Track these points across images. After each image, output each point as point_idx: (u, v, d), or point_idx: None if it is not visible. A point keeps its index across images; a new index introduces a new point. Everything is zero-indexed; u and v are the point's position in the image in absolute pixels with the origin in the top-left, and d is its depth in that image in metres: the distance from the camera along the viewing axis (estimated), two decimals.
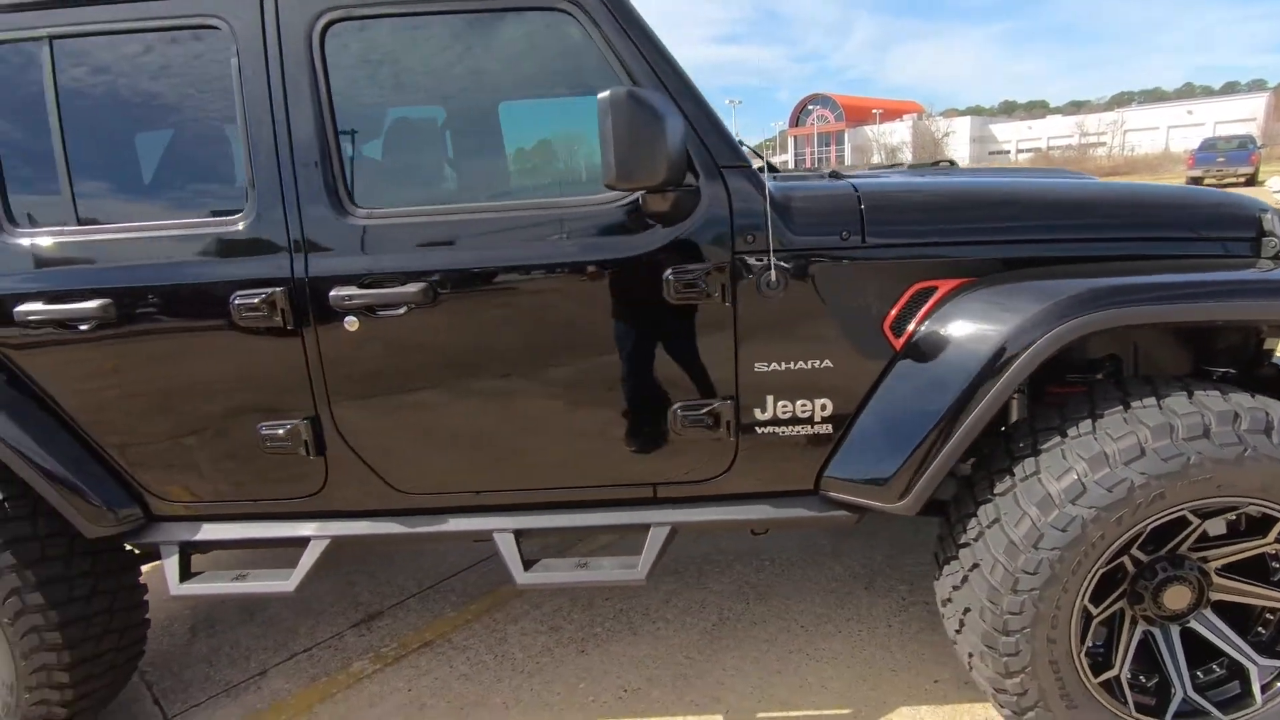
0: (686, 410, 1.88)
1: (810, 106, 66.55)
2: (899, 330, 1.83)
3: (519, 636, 2.67)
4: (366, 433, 1.97)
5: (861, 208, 1.82)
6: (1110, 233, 1.92)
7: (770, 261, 1.77)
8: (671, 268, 1.80)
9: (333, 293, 1.84)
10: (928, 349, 1.80)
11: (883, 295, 1.82)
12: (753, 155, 2.06)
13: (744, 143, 1.92)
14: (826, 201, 1.86)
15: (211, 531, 2.06)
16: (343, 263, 1.86)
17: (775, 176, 2.10)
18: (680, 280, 1.80)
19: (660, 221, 1.81)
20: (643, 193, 1.77)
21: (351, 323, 1.86)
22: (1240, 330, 2.03)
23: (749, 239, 1.79)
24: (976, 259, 1.82)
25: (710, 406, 1.88)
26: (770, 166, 1.88)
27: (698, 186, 1.79)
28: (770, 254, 1.77)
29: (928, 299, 1.82)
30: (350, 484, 2.01)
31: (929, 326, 1.80)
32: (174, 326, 1.93)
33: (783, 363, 1.84)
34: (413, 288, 1.83)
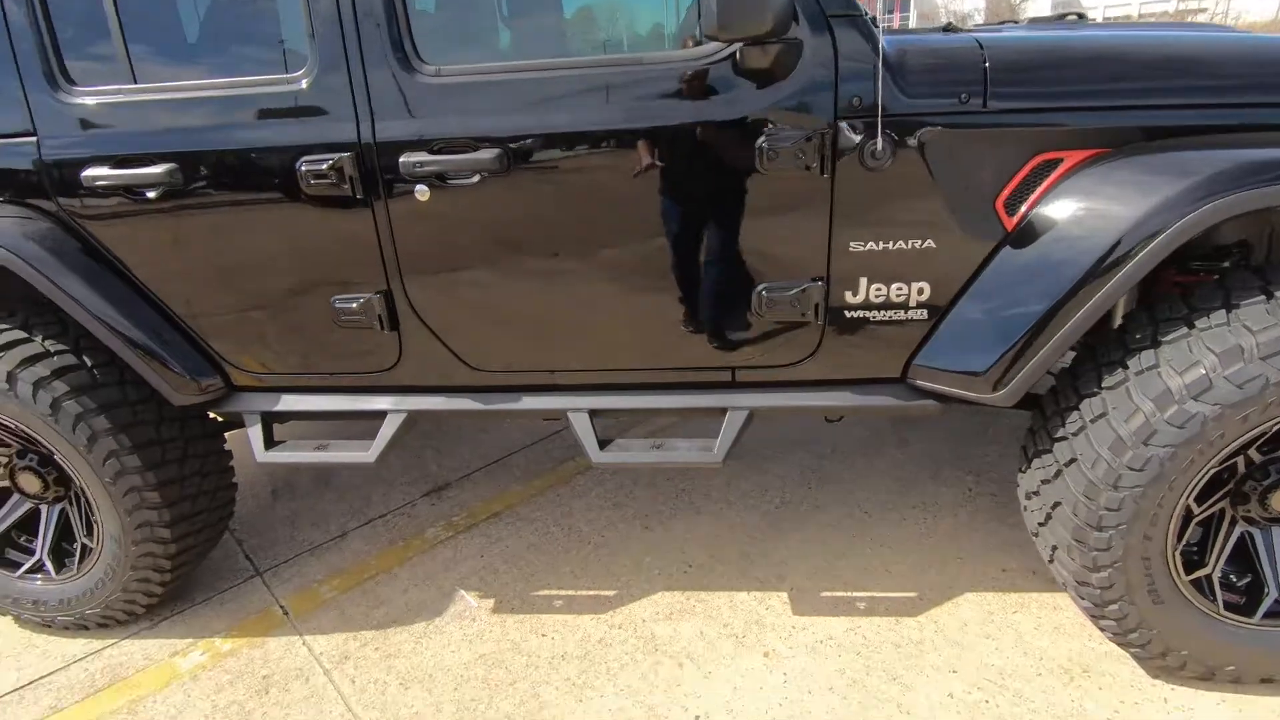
0: (772, 292, 1.79)
1: None
2: (1013, 208, 1.67)
3: (584, 511, 2.74)
4: (439, 308, 1.93)
5: (986, 65, 1.61)
6: None
7: (878, 128, 1.60)
8: (766, 134, 1.64)
9: (402, 159, 1.74)
10: (1044, 230, 1.65)
11: (1000, 168, 1.65)
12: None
13: None
14: (945, 58, 1.65)
15: (291, 403, 2.09)
16: (412, 126, 1.75)
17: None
18: (775, 148, 1.64)
19: (756, 81, 1.63)
20: (740, 47, 1.59)
21: (423, 192, 1.77)
22: None
23: (855, 102, 1.61)
24: (1114, 127, 1.61)
25: (797, 288, 1.77)
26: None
27: (800, 40, 1.60)
28: (879, 119, 1.60)
29: (1050, 172, 1.64)
30: (424, 360, 2.00)
31: (1049, 204, 1.64)
32: (241, 194, 1.87)
33: (881, 243, 1.71)
34: (486, 154, 1.71)
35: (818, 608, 2.19)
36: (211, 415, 2.25)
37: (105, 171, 1.84)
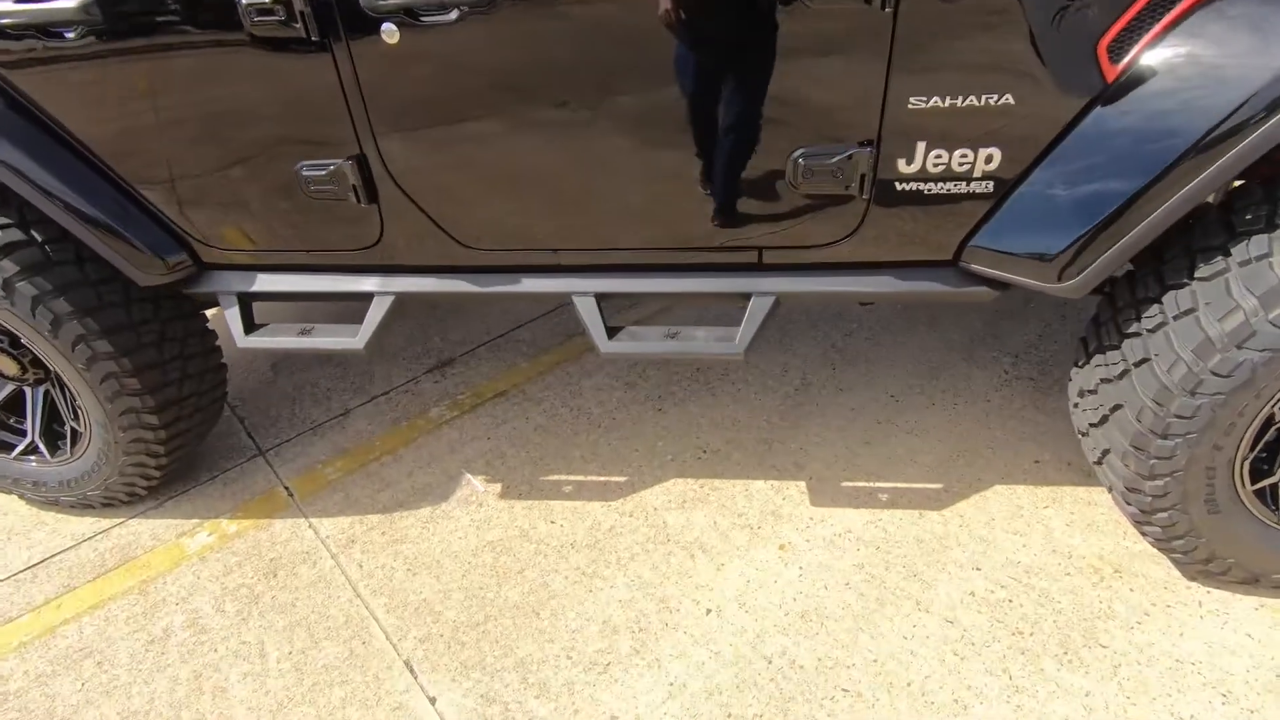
0: (810, 159, 1.51)
1: None
2: (1118, 54, 1.34)
3: (594, 391, 2.61)
4: (421, 176, 1.68)
5: None
6: None
7: None
8: None
9: None
10: (1153, 83, 1.33)
11: (1107, 1, 1.31)
12: None
13: None
14: None
15: (268, 283, 1.90)
16: None
17: None
18: None
19: None
20: None
21: (390, 32, 1.47)
22: None
23: None
24: None
25: (842, 154, 1.50)
26: None
27: None
28: None
29: (1171, 7, 1.31)
30: (410, 236, 1.78)
31: (1163, 49, 1.31)
32: (173, 37, 1.57)
33: (947, 97, 1.41)
34: None
35: (837, 499, 2.10)
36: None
37: (9, 6, 1.54)
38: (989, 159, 1.48)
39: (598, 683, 1.69)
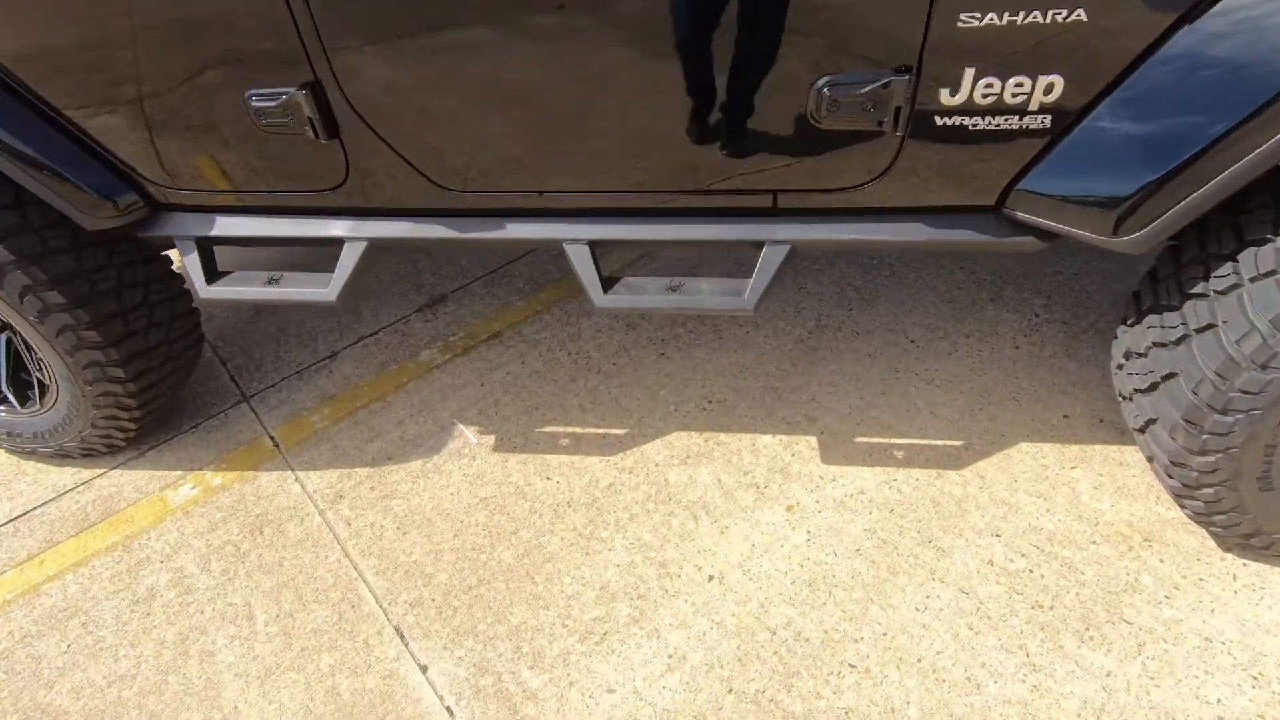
0: (838, 88, 1.29)
1: None
2: None
3: (593, 334, 2.46)
4: (385, 105, 1.46)
5: None
6: None
7: None
8: None
9: None
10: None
11: None
12: None
13: None
14: None
15: (228, 226, 1.72)
16: None
17: None
18: None
19: None
20: None
21: None
22: None
23: None
24: None
25: (875, 84, 1.27)
26: None
27: None
28: None
29: None
30: (378, 176, 1.58)
31: None
32: None
33: (1005, 13, 1.17)
34: None
35: (850, 456, 1.98)
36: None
37: None
38: (1049, 89, 1.25)
39: (594, 653, 1.63)
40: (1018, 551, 1.73)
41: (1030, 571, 1.69)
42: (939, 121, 1.32)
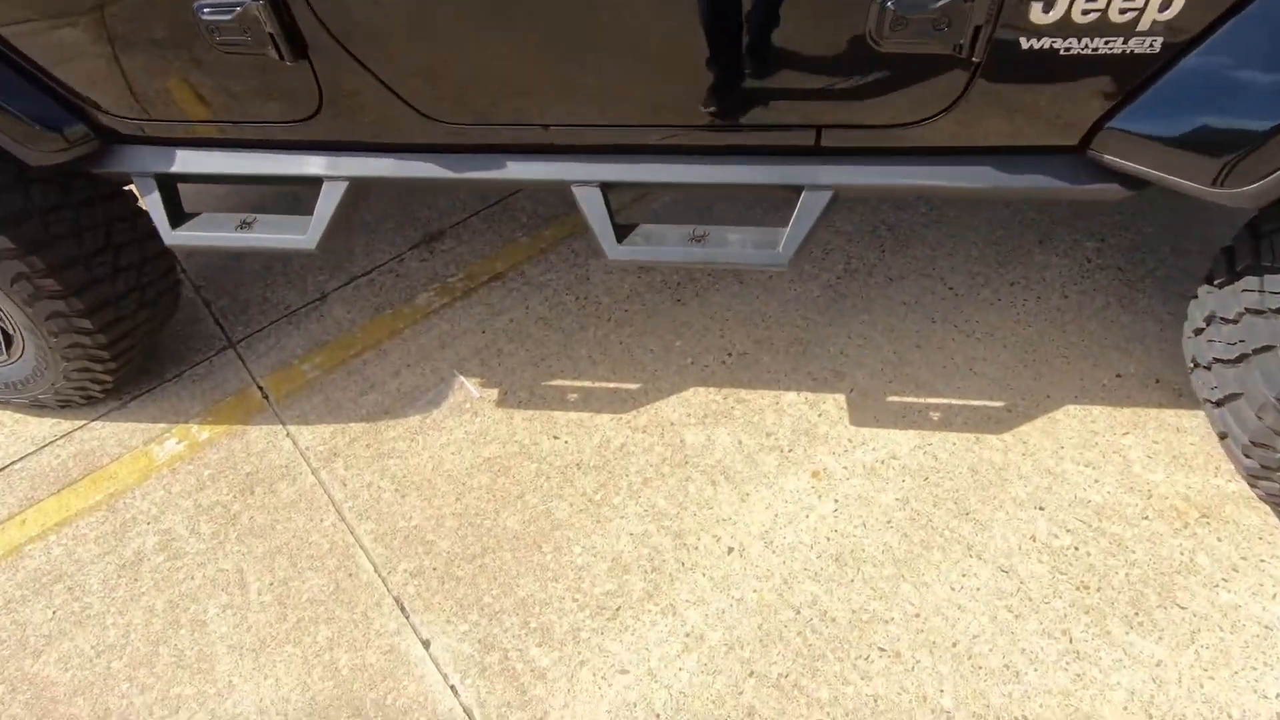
0: (905, 3, 1.07)
1: None
2: None
3: (603, 276, 2.27)
4: (361, 21, 1.24)
5: None
6: None
7: None
8: None
9: None
10: None
11: None
12: None
13: None
14: None
15: (190, 161, 1.52)
16: None
17: None
18: None
19: None
20: None
21: None
22: None
23: None
24: None
25: None
26: None
27: None
28: None
29: None
30: (356, 105, 1.36)
31: None
32: None
33: None
34: None
35: (881, 417, 1.84)
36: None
37: None
38: (1164, 5, 1.03)
39: (606, 630, 1.54)
40: (1063, 526, 1.61)
41: (1076, 549, 1.57)
42: (1025, 45, 1.10)
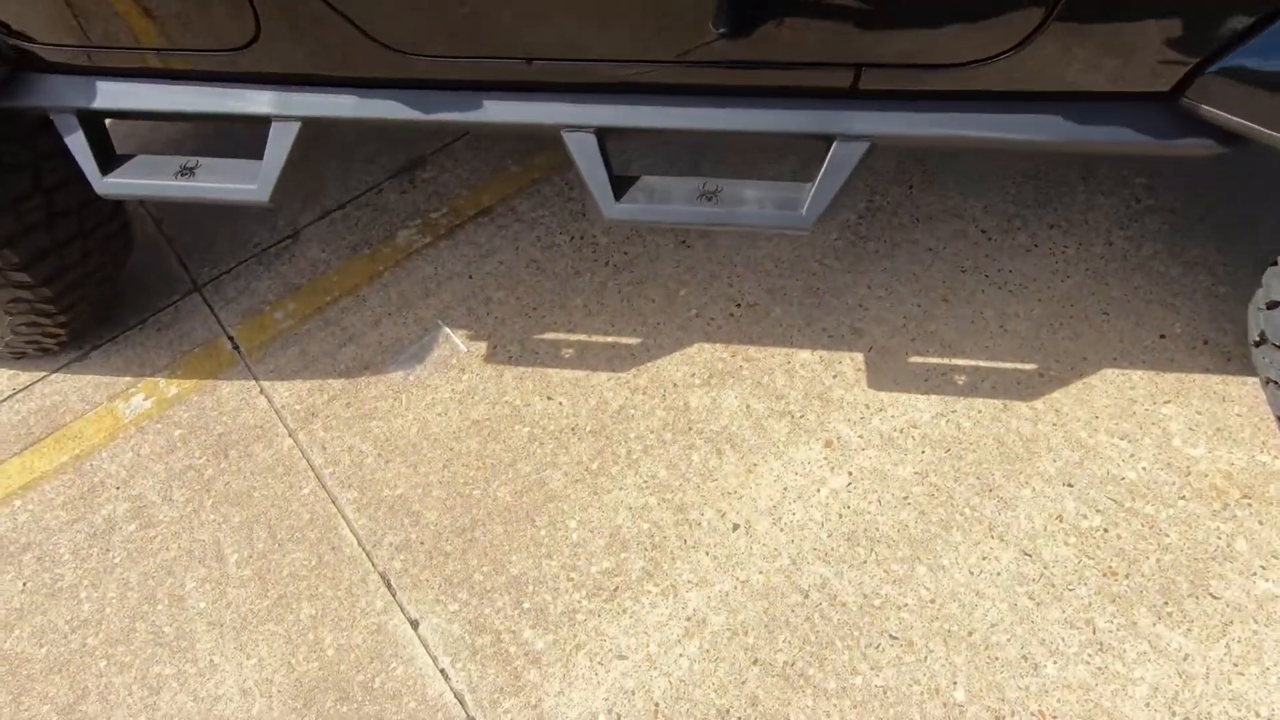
0: None
1: None
2: None
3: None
4: None
5: None
6: None
7: None
8: None
9: None
10: None
11: None
12: None
13: None
14: None
15: (116, 95, 1.30)
16: None
17: None
18: None
19: None
20: None
21: None
22: None
23: None
24: None
25: None
26: None
27: None
28: None
29: None
30: (303, 32, 1.14)
31: None
32: None
33: None
34: None
35: (902, 379, 1.70)
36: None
37: None
38: None
39: (603, 612, 1.47)
40: (1092, 506, 1.50)
41: (1105, 531, 1.47)
42: None
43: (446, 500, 1.63)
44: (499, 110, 1.22)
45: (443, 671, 1.43)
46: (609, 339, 1.83)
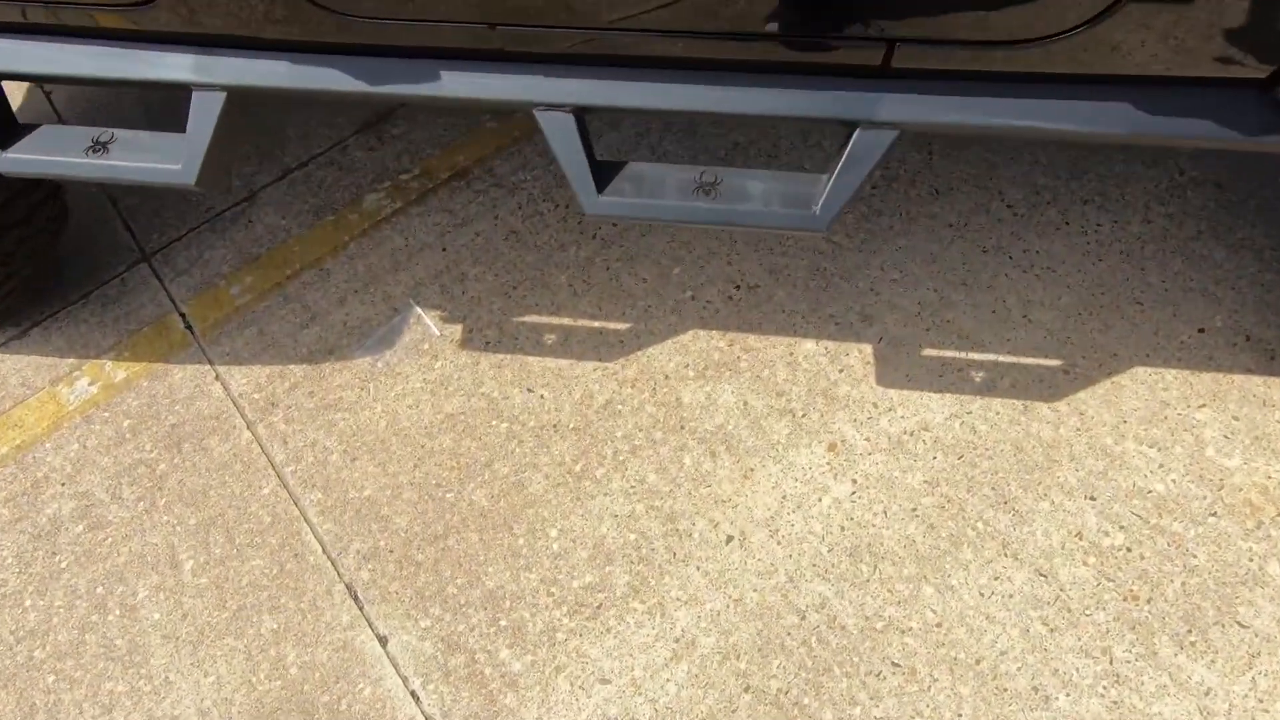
0: None
1: None
2: None
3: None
4: None
5: None
6: None
7: None
8: None
9: None
10: None
11: None
12: None
13: None
14: None
15: (2, 55, 1.10)
16: None
17: None
18: None
19: None
20: None
21: None
22: None
23: None
24: None
25: None
26: None
27: None
28: None
29: None
30: None
31: None
32: None
33: None
34: None
35: (914, 375, 1.56)
36: None
37: None
38: None
39: (585, 631, 1.37)
40: (1115, 522, 1.39)
41: (1128, 550, 1.37)
42: None
43: (418, 504, 1.51)
44: (460, 83, 1.03)
45: (413, 694, 1.34)
46: (595, 323, 1.67)
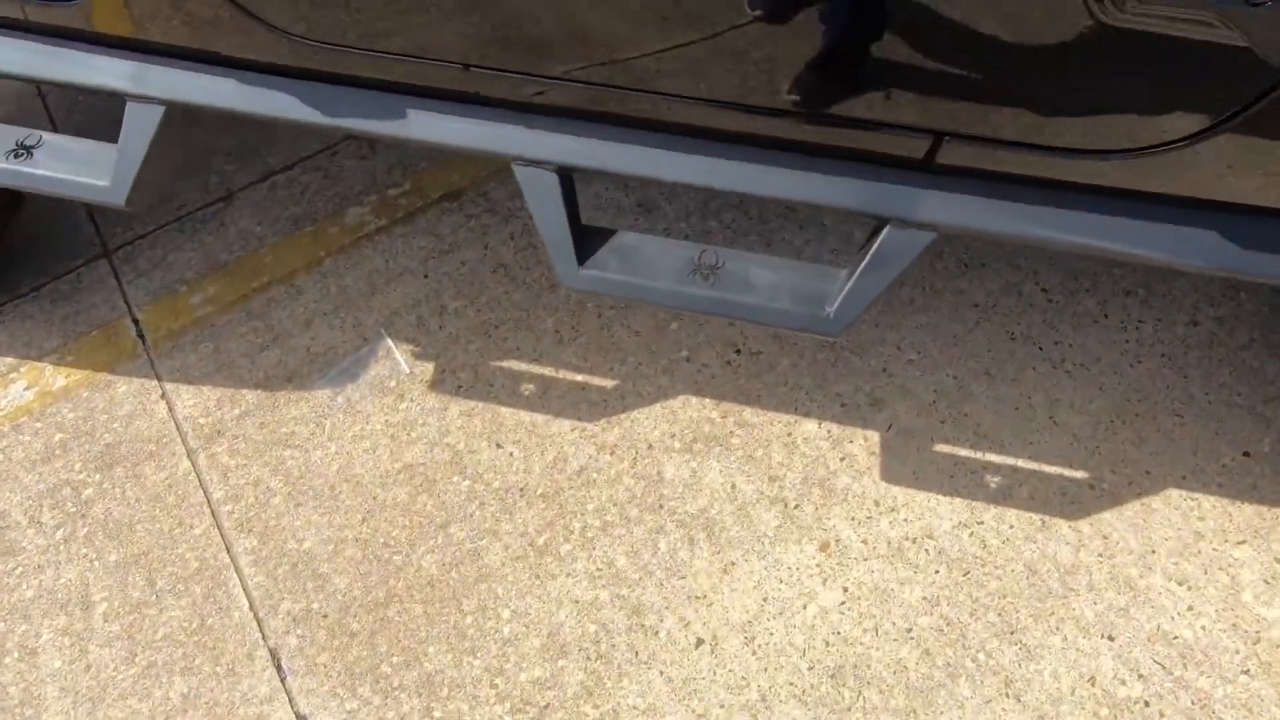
0: None
1: None
2: None
3: (590, 212, 1.74)
4: None
5: None
6: None
7: None
8: None
9: None
10: None
11: None
12: None
13: None
14: None
15: None
16: None
17: None
18: None
19: None
20: None
21: None
22: None
23: None
24: None
25: None
26: None
27: None
28: None
29: None
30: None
31: None
32: None
33: None
34: None
35: (922, 473, 1.41)
36: None
37: None
38: None
39: None
40: (1134, 669, 1.24)
41: (1146, 705, 1.21)
42: None
43: (361, 564, 1.36)
44: (428, 125, 0.89)
45: None
46: (579, 377, 1.53)
